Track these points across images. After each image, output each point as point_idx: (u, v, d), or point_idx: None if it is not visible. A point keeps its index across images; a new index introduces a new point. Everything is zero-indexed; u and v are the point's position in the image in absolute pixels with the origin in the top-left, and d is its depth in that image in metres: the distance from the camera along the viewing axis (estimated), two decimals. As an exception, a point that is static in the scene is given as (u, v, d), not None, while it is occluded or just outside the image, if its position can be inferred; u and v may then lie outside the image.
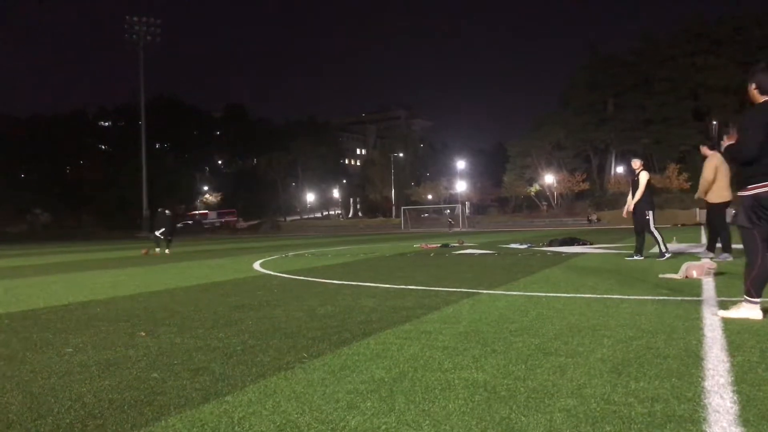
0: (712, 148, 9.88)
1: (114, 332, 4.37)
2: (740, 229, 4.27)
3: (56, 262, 14.61)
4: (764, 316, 4.15)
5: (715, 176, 9.52)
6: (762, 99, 4.26)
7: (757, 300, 4.16)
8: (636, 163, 10.38)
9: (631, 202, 10.16)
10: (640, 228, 10.14)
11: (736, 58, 67.09)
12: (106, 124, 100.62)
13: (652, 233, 9.99)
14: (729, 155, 4.25)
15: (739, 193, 4.28)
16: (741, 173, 4.27)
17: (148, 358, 3.50)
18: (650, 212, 10.01)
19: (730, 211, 9.19)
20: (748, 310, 4.16)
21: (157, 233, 17.55)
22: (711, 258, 9.16)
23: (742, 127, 4.23)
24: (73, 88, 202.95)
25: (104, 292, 7.21)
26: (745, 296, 4.21)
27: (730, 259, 9.11)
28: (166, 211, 17.84)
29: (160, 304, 5.94)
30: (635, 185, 10.12)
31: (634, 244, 10.51)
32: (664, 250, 9.75)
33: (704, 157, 9.97)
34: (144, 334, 4.26)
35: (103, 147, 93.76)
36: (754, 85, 4.29)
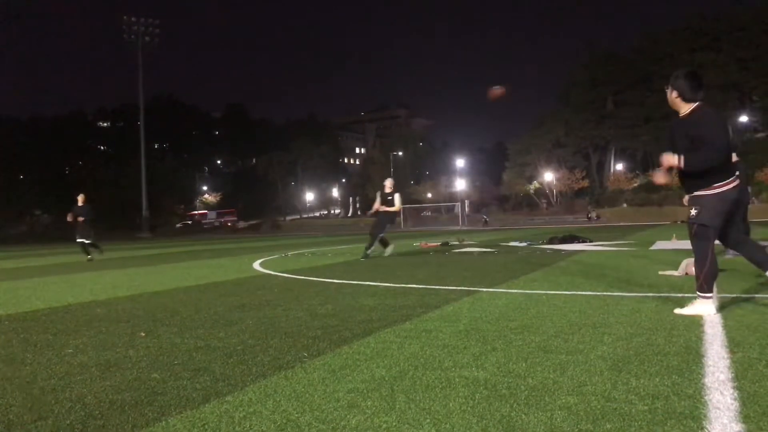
0: None
1: (114, 333, 4.38)
2: (699, 226, 4.26)
3: (56, 263, 14.61)
4: (717, 311, 4.24)
5: None
6: (686, 107, 4.32)
7: (710, 295, 4.24)
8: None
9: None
10: None
11: (735, 56, 67.05)
12: (106, 124, 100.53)
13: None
14: (693, 167, 4.23)
15: (703, 192, 4.25)
16: (702, 175, 4.24)
17: (148, 358, 3.50)
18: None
19: None
20: (703, 305, 4.23)
21: (80, 239, 15.04)
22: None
23: (704, 131, 4.17)
24: (72, 89, 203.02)
25: (104, 292, 7.21)
26: (698, 292, 4.27)
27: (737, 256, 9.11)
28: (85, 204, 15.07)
29: (160, 304, 5.94)
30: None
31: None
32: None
33: None
34: (144, 334, 4.26)
35: (102, 148, 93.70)
36: (675, 93, 4.34)
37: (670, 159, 4.32)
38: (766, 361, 2.97)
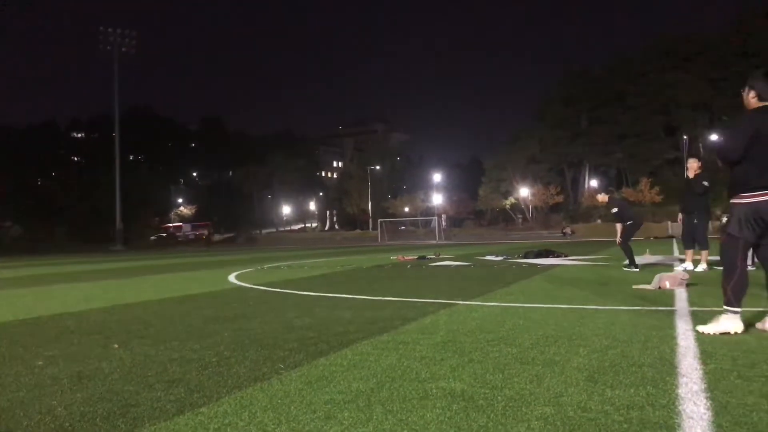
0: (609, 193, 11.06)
1: (86, 345, 4.29)
2: (727, 236, 4.14)
3: (27, 275, 14.31)
4: (745, 328, 4.05)
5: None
6: (759, 105, 4.16)
7: (739, 310, 4.03)
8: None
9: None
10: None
11: (704, 75, 68.64)
12: (80, 135, 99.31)
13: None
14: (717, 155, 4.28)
15: (735, 201, 4.12)
16: (733, 181, 4.15)
17: (121, 370, 3.44)
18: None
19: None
20: (729, 321, 4.01)
21: None
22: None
23: (731, 127, 4.27)
24: (46, 99, 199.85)
25: (76, 304, 7.07)
26: (725, 306, 4.07)
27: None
28: None
29: (134, 316, 5.85)
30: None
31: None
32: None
33: (604, 204, 11.12)
34: (117, 346, 4.19)
35: (76, 159, 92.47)
36: (753, 93, 4.17)
37: None
38: (738, 372, 3.02)
